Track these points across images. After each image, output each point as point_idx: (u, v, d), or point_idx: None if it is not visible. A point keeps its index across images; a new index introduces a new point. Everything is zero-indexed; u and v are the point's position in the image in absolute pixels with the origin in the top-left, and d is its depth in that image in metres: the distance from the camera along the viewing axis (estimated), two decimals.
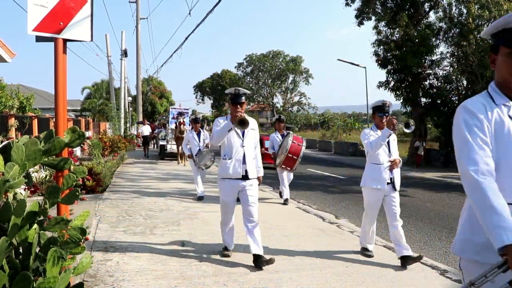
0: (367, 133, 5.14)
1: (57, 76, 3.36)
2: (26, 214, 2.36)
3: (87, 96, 44.48)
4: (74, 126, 2.85)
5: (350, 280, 4.45)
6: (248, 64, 58.58)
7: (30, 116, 11.92)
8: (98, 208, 7.82)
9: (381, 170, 4.99)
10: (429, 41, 21.07)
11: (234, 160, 4.78)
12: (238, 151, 4.81)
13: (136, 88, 30.29)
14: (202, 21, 14.27)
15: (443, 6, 21.93)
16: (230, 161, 4.79)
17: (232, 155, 4.80)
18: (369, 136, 5.07)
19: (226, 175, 4.83)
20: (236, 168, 4.78)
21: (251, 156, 4.86)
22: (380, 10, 22.71)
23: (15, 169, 2.36)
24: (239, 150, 4.82)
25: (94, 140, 16.64)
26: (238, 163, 4.78)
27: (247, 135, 4.88)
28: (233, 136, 4.81)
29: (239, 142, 4.85)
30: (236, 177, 4.79)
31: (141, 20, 28.44)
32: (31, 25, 3.31)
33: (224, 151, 4.88)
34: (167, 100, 50.03)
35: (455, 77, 22.05)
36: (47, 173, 9.41)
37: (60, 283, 2.31)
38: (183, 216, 7.46)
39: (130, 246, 5.44)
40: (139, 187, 10.79)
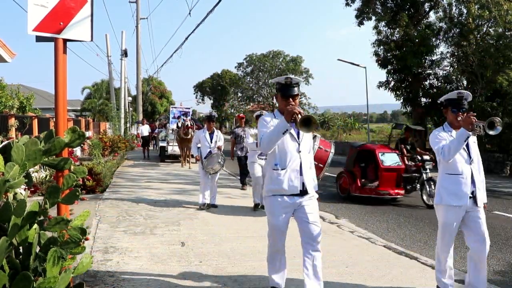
0: (438, 136, 4.00)
1: (57, 76, 3.36)
2: (26, 214, 2.36)
3: (87, 96, 44.47)
4: (74, 126, 2.85)
5: (350, 280, 4.45)
6: (248, 64, 58.45)
7: (30, 116, 11.92)
8: (98, 208, 7.82)
9: (461, 182, 3.88)
10: (429, 41, 21.08)
11: (289, 170, 3.67)
12: (294, 159, 3.70)
13: (136, 88, 30.32)
14: (202, 21, 14.28)
15: (443, 6, 21.95)
16: (284, 172, 3.67)
17: (286, 164, 3.68)
18: (441, 139, 3.95)
19: (279, 190, 3.70)
20: (292, 181, 3.67)
21: (307, 165, 3.79)
22: (380, 10, 22.72)
23: (15, 169, 2.36)
24: (294, 157, 3.70)
25: (94, 140, 16.65)
26: (295, 175, 3.68)
27: (304, 137, 3.78)
28: (287, 139, 3.69)
29: (295, 146, 3.73)
30: (292, 192, 3.69)
31: (141, 20, 28.47)
32: (31, 25, 3.30)
33: (274, 159, 3.74)
34: (167, 100, 50.03)
35: (455, 77, 22.06)
36: (47, 173, 9.41)
37: (60, 283, 2.31)
38: (183, 216, 7.46)
39: (130, 246, 5.44)
40: (139, 187, 10.79)
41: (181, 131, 15.78)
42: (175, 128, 17.70)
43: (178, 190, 10.56)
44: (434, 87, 22.60)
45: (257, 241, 5.94)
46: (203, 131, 8.48)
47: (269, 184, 3.76)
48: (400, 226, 7.52)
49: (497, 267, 5.37)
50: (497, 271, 5.23)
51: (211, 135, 8.37)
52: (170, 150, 18.23)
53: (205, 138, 8.34)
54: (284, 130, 3.45)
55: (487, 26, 20.47)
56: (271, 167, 3.76)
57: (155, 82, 48.38)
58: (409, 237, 6.84)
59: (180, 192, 10.24)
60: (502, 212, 9.18)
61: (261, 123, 3.78)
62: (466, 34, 19.67)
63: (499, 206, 9.98)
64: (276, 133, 3.49)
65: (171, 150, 18.15)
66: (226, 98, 66.77)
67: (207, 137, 8.35)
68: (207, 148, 8.24)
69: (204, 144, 8.32)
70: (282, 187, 3.66)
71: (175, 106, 23.73)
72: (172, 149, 18.04)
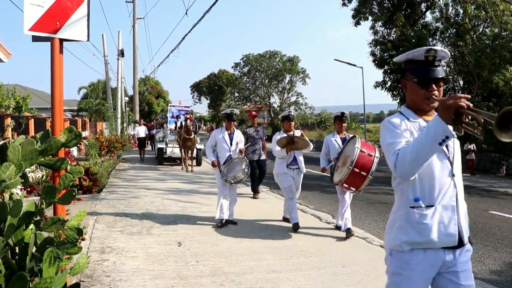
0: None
1: (54, 76, 3.35)
2: (23, 214, 2.35)
3: (83, 96, 44.37)
4: (70, 126, 2.85)
5: (347, 280, 4.46)
6: (245, 64, 58.47)
7: (26, 116, 11.89)
8: (94, 208, 7.81)
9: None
10: (426, 41, 21.14)
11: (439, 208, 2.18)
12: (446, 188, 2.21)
13: (133, 88, 30.28)
14: (199, 21, 14.27)
15: (439, 7, 22.05)
16: (433, 210, 2.18)
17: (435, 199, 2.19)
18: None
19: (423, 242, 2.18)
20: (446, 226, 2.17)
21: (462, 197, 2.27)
22: (377, 10, 22.79)
23: (11, 169, 2.35)
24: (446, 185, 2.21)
25: (91, 140, 16.60)
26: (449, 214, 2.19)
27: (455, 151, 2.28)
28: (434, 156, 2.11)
29: (447, 167, 2.23)
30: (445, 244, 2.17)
31: (138, 20, 28.45)
32: (27, 24, 3.29)
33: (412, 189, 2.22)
34: (164, 100, 49.99)
35: (451, 77, 22.14)
36: (44, 173, 9.38)
37: (57, 283, 2.30)
38: (180, 216, 7.46)
39: (127, 246, 5.43)
40: (136, 187, 10.77)
41: (182, 132, 14.67)
42: (173, 128, 16.79)
43: (175, 190, 10.55)
44: None
45: (254, 241, 5.95)
46: (221, 132, 7.10)
47: (403, 232, 2.22)
48: None
49: (493, 266, 5.40)
50: (493, 270, 5.25)
51: (231, 136, 7.07)
52: (169, 152, 16.87)
53: (224, 139, 6.98)
54: (443, 138, 1.98)
55: (483, 26, 20.58)
56: (405, 204, 2.26)
57: (152, 82, 48.32)
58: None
59: (177, 192, 10.23)
60: (498, 211, 9.22)
61: (388, 128, 2.28)
62: (463, 34, 19.76)
63: (495, 205, 10.02)
64: (427, 145, 2.01)
65: (170, 152, 16.83)
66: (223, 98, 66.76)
67: (226, 138, 6.99)
68: (226, 152, 6.93)
69: (222, 147, 6.98)
70: (429, 236, 2.16)
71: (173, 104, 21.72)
72: (172, 150, 16.76)
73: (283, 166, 6.69)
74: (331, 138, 6.62)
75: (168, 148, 16.86)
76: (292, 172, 6.72)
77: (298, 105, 57.29)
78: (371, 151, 5.74)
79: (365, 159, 5.63)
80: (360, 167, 5.58)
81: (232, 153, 6.94)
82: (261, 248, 5.55)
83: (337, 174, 6.04)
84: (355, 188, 5.79)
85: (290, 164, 6.72)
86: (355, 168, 5.58)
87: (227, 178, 6.68)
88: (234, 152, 6.97)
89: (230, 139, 7.01)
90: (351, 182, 5.72)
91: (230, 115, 7.15)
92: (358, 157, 5.57)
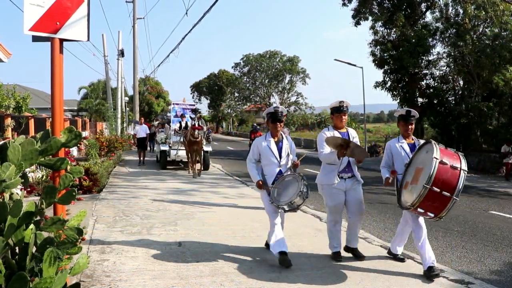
0: None
1: (54, 76, 3.35)
2: (23, 214, 2.35)
3: (83, 96, 44.41)
4: (70, 126, 2.85)
5: (347, 280, 4.46)
6: (245, 64, 58.52)
7: (26, 116, 11.89)
8: (95, 208, 7.81)
9: None
10: (426, 41, 21.16)
11: None
12: None
13: (133, 88, 30.27)
14: (199, 21, 14.27)
15: (439, 7, 22.04)
16: None
17: None
18: None
19: None
20: None
21: None
22: (377, 10, 22.79)
23: (12, 169, 2.35)
24: None
25: (91, 140, 16.60)
26: None
27: None
28: None
29: None
30: None
31: (138, 20, 28.44)
32: (28, 25, 3.30)
33: None
34: (164, 100, 50.01)
35: (451, 77, 22.15)
36: (44, 173, 9.38)
37: (57, 283, 2.30)
38: (180, 216, 7.45)
39: (127, 246, 5.43)
40: (136, 187, 10.77)
41: (188, 133, 13.38)
42: (177, 129, 15.38)
43: (175, 190, 10.54)
44: (430, 87, 22.67)
45: (254, 241, 5.95)
46: (265, 139, 5.17)
47: None
48: (397, 226, 7.51)
49: (494, 266, 5.39)
50: (493, 270, 5.25)
51: (279, 144, 5.11)
52: (173, 155, 15.21)
53: (270, 150, 5.07)
54: None
55: (483, 26, 20.57)
56: None
57: (152, 82, 48.33)
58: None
59: (177, 192, 10.22)
60: (498, 211, 9.22)
61: None
62: (463, 34, 19.75)
63: (495, 206, 10.02)
64: None
65: (175, 155, 15.19)
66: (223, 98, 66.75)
67: (273, 148, 5.08)
68: (275, 167, 5.07)
69: (268, 160, 5.10)
70: None
71: (177, 102, 18.73)
72: (176, 153, 15.13)
73: (333, 174, 4.99)
74: (396, 144, 5.01)
75: (172, 150, 15.23)
76: (344, 184, 5.02)
77: (298, 105, 57.32)
78: (455, 161, 4.20)
79: (448, 174, 4.12)
80: (441, 185, 4.06)
81: (282, 169, 5.09)
82: (261, 248, 5.55)
83: (407, 194, 4.52)
84: (434, 214, 4.21)
85: (343, 172, 5.02)
86: (433, 187, 4.05)
87: (279, 204, 4.81)
88: (285, 167, 5.11)
89: (278, 148, 5.09)
90: (429, 206, 4.17)
91: (275, 115, 5.11)
92: (438, 172, 4.06)
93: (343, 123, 5.12)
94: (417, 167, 4.47)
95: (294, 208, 4.86)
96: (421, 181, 4.18)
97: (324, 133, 5.09)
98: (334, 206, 5.08)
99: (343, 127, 5.14)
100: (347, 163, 5.00)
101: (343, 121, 5.11)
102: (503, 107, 19.57)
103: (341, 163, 4.93)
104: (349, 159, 4.98)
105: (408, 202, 4.34)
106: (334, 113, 5.12)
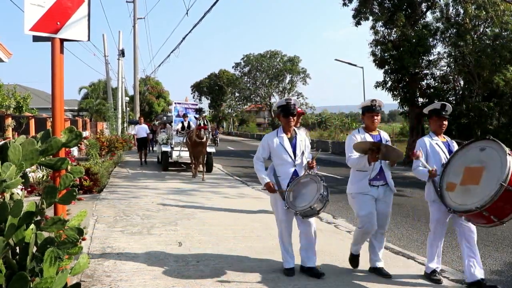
0: None
1: (54, 76, 3.35)
2: (23, 214, 2.35)
3: (84, 96, 44.47)
4: (71, 126, 2.85)
5: (347, 280, 4.46)
6: (246, 64, 58.57)
7: (27, 116, 11.89)
8: (95, 208, 7.81)
9: None
10: (426, 41, 21.13)
11: None
12: None
13: (134, 88, 30.28)
14: (200, 21, 14.29)
15: (440, 6, 22.02)
16: None
17: None
18: None
19: None
20: None
21: None
22: (377, 10, 22.76)
23: (12, 169, 2.35)
24: None
25: (91, 140, 16.59)
26: None
27: None
28: None
29: None
30: None
31: (139, 20, 28.47)
32: (28, 25, 3.30)
33: None
34: (164, 100, 50.02)
35: (452, 77, 22.12)
36: (44, 173, 9.39)
37: (57, 283, 2.30)
38: (181, 216, 7.45)
39: (128, 246, 5.43)
40: (136, 187, 10.78)
41: (194, 134, 12.74)
42: (179, 129, 14.91)
43: (176, 189, 10.55)
44: (431, 87, 22.64)
45: (254, 241, 5.95)
46: (276, 135, 4.63)
47: None
48: (397, 226, 7.52)
49: (494, 266, 5.39)
50: (494, 270, 5.24)
51: (293, 141, 4.58)
52: (175, 156, 14.68)
53: (282, 147, 4.52)
54: None
55: (484, 26, 20.56)
56: None
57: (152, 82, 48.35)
58: (406, 237, 6.85)
59: (178, 192, 10.23)
60: None
61: None
62: (463, 34, 19.73)
63: None
64: None
65: (176, 156, 14.67)
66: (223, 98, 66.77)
67: (286, 145, 4.53)
68: (290, 167, 4.51)
69: (281, 159, 4.54)
70: None
71: (179, 101, 17.82)
72: (179, 155, 14.60)
73: (364, 182, 4.46)
74: (429, 141, 4.51)
75: (173, 151, 14.71)
76: (376, 191, 4.47)
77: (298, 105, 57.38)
78: None
79: None
80: None
81: (297, 168, 4.52)
82: (261, 248, 5.55)
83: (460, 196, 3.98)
84: (498, 219, 3.69)
85: (374, 179, 4.48)
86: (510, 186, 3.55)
87: (297, 210, 4.26)
88: (301, 166, 4.55)
89: (292, 145, 4.56)
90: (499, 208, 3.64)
91: (287, 108, 4.53)
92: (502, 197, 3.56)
93: (375, 125, 4.57)
94: (468, 167, 4.01)
95: (313, 214, 4.33)
96: (488, 180, 3.72)
97: (354, 136, 4.56)
98: (367, 214, 4.41)
99: (375, 129, 4.60)
100: (379, 169, 4.47)
101: (375, 122, 4.55)
102: (504, 107, 19.55)
103: (372, 169, 4.40)
104: (381, 165, 4.46)
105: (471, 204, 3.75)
106: (366, 113, 4.57)
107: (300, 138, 4.61)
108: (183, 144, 14.19)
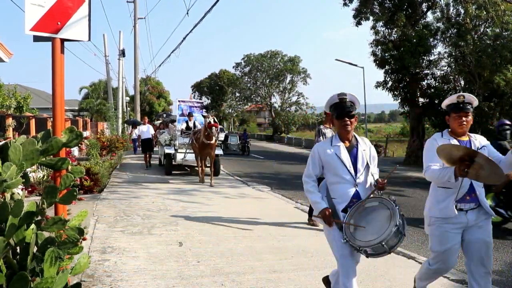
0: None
1: (55, 76, 3.35)
2: (24, 214, 2.35)
3: (84, 96, 44.50)
4: (71, 126, 2.85)
5: None
6: (246, 64, 58.55)
7: (27, 116, 11.89)
8: (95, 208, 7.81)
9: None
10: (427, 41, 21.13)
11: None
12: None
13: (134, 87, 30.27)
14: (200, 21, 14.29)
15: (440, 6, 22.03)
16: None
17: None
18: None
19: None
20: None
21: None
22: (378, 10, 22.76)
23: (13, 169, 2.35)
24: None
25: (92, 140, 16.60)
26: None
27: None
28: None
29: None
30: None
31: (139, 19, 28.43)
32: (29, 25, 3.30)
33: None
34: (165, 100, 50.10)
35: (452, 77, 22.12)
36: (45, 173, 9.39)
37: (58, 283, 2.30)
38: (181, 216, 7.46)
39: (128, 246, 5.43)
40: (137, 187, 10.78)
41: (200, 134, 11.70)
42: (183, 129, 13.73)
43: (176, 189, 10.55)
44: (431, 87, 22.65)
45: (254, 241, 5.95)
46: (331, 144, 3.35)
47: None
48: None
49: (494, 266, 5.39)
50: (494, 270, 5.24)
51: (353, 151, 3.32)
52: (179, 159, 13.52)
53: (339, 159, 3.27)
54: None
55: (485, 26, 20.56)
56: None
57: (153, 82, 48.39)
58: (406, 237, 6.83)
59: (178, 192, 10.23)
60: None
61: None
62: (464, 34, 19.74)
63: None
64: None
65: (181, 159, 13.49)
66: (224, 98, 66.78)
67: (344, 156, 3.28)
68: (349, 186, 3.26)
69: (337, 174, 3.28)
70: None
71: (183, 99, 15.95)
72: (183, 157, 13.42)
73: (447, 204, 3.31)
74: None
75: (178, 154, 13.53)
76: (465, 218, 3.29)
77: (299, 105, 57.33)
78: None
79: None
80: None
81: (359, 189, 3.26)
82: (262, 248, 5.55)
83: None
84: None
85: (462, 201, 3.30)
86: None
87: (360, 246, 3.06)
88: (365, 186, 3.30)
89: (352, 157, 3.30)
90: None
91: (341, 106, 3.30)
92: None
93: (464, 128, 3.38)
94: None
95: (383, 252, 3.06)
96: None
97: (435, 140, 3.42)
98: (444, 252, 3.37)
99: (464, 133, 3.42)
100: (470, 187, 3.28)
101: (463, 126, 3.36)
102: (504, 107, 19.55)
103: (460, 187, 3.23)
104: (472, 182, 3.27)
105: None
106: (451, 113, 3.41)
107: (363, 147, 3.34)
108: (189, 145, 13.06)
